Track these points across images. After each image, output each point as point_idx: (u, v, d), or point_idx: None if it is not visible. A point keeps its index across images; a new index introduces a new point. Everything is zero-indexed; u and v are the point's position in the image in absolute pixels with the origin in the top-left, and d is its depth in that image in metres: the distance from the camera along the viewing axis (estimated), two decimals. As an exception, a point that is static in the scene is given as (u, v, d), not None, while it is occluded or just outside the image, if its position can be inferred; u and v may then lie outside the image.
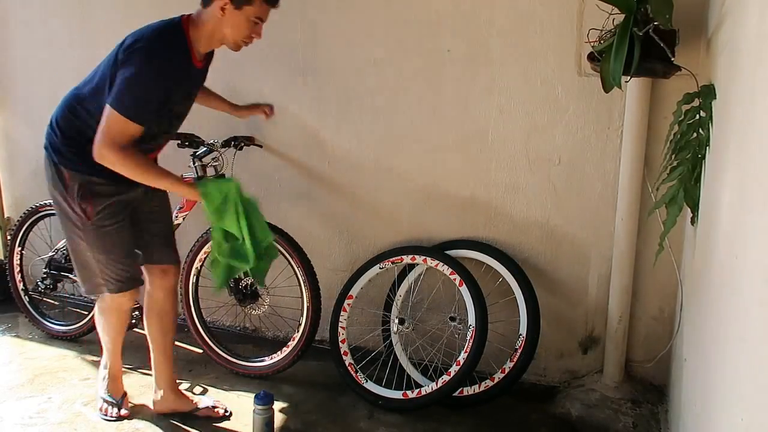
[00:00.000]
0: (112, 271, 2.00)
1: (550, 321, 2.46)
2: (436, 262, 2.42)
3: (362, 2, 2.49)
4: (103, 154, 1.75)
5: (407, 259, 2.49)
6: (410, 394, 2.31)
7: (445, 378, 2.27)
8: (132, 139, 1.78)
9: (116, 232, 1.97)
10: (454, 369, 2.26)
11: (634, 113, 2.15)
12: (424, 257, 2.45)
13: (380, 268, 2.52)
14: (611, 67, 1.74)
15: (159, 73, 1.79)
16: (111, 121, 1.74)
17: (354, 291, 2.55)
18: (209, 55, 2.04)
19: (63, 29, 3.13)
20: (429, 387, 2.30)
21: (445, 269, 2.38)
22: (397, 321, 2.52)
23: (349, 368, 2.44)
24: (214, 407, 2.27)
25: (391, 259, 2.51)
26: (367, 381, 2.40)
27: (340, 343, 2.49)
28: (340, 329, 2.51)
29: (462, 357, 2.26)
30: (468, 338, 2.28)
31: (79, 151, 1.87)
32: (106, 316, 2.19)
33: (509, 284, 2.39)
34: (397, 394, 2.34)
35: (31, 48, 3.25)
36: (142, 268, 2.17)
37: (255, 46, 1.96)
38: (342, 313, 2.52)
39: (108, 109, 1.75)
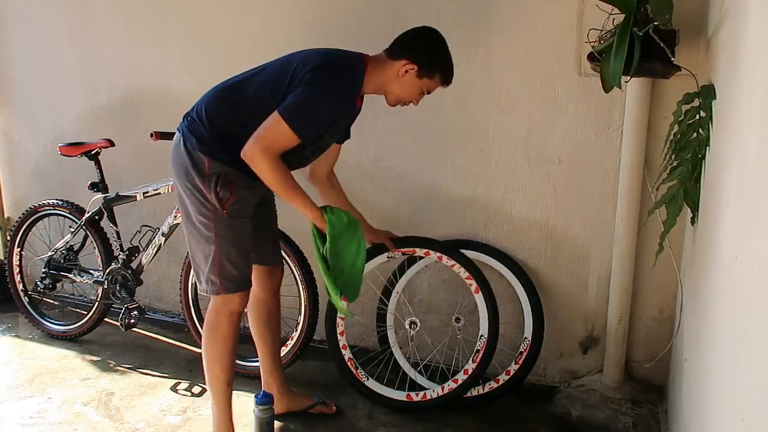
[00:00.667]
0: (234, 266, 1.92)
1: (551, 321, 2.46)
2: (453, 262, 2.35)
3: (362, 0, 2.49)
4: (255, 155, 1.74)
5: (420, 252, 2.39)
6: (414, 397, 2.32)
7: (452, 385, 2.28)
8: (283, 152, 1.78)
9: (245, 227, 1.94)
10: (461, 377, 2.28)
11: (634, 113, 2.15)
12: (439, 254, 2.36)
13: (387, 257, 2.42)
14: (611, 67, 1.74)
15: (338, 99, 1.84)
16: (276, 128, 1.74)
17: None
18: (362, 98, 2.02)
19: (63, 29, 3.13)
20: (434, 392, 2.30)
21: (462, 272, 2.34)
22: (407, 322, 2.52)
23: (348, 364, 2.41)
24: (325, 403, 2.30)
25: (403, 249, 2.39)
26: (368, 379, 2.39)
27: (338, 336, 2.44)
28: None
29: (470, 366, 2.28)
30: (479, 348, 2.29)
31: (225, 144, 1.85)
32: (215, 328, 1.99)
33: (513, 287, 2.40)
34: (400, 395, 2.34)
35: (31, 48, 3.25)
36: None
37: (257, 45, 1.95)
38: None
39: (277, 117, 1.74)
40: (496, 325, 2.30)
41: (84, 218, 2.76)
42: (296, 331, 2.49)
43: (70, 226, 2.88)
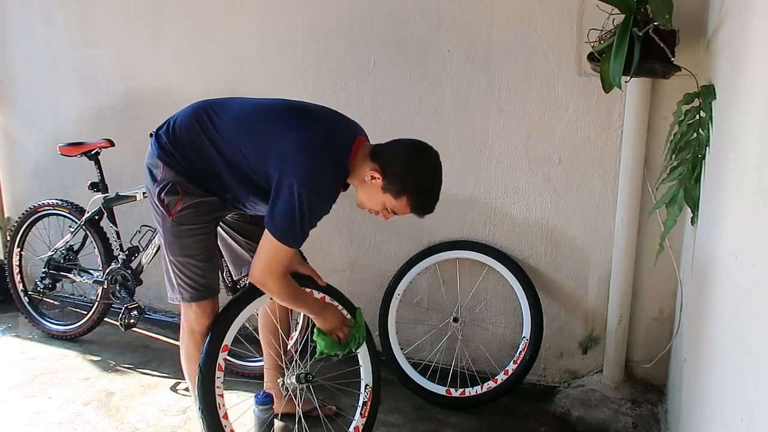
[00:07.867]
0: (186, 275, 1.87)
1: (550, 321, 2.46)
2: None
3: (362, 1, 2.49)
4: (265, 281, 1.74)
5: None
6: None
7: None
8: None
9: (197, 235, 1.85)
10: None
11: (634, 113, 2.15)
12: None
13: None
14: (611, 67, 1.74)
15: (325, 202, 1.73)
16: (275, 252, 1.70)
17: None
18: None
19: (63, 29, 3.13)
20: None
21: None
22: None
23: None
24: (325, 404, 2.31)
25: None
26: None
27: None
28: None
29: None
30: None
31: (184, 156, 1.81)
32: (187, 342, 1.95)
33: (512, 287, 2.40)
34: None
35: (31, 48, 3.25)
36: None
37: (257, 46, 1.94)
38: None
39: (273, 241, 1.69)
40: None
41: (84, 218, 2.76)
42: (295, 331, 2.49)
43: (70, 226, 2.88)
